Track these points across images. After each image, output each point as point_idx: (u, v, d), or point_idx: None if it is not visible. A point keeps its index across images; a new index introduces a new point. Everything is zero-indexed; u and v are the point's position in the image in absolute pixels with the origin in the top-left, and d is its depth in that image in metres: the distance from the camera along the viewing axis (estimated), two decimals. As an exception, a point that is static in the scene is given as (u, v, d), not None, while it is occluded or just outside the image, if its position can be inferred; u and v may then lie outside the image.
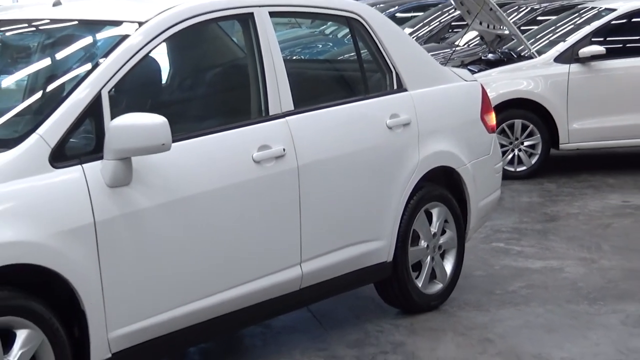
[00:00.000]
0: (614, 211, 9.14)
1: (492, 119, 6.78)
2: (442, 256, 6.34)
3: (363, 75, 6.16)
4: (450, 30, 16.14)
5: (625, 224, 8.64)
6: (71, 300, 4.38)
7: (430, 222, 6.22)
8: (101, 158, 4.48)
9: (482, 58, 11.55)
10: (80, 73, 4.76)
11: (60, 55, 5.28)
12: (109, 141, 4.46)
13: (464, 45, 13.27)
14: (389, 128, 5.92)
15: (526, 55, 10.96)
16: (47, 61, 5.31)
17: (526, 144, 10.77)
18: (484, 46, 12.15)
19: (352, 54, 6.45)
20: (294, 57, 8.72)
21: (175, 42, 5.21)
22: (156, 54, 5.05)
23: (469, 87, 6.71)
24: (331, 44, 14.46)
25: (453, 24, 16.17)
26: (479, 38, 12.66)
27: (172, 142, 4.53)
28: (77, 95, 4.56)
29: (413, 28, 16.36)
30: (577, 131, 10.69)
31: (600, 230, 8.43)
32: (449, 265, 6.38)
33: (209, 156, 4.96)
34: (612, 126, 10.71)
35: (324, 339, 5.84)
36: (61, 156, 4.41)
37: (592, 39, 10.79)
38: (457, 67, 9.48)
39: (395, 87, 6.12)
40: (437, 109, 6.30)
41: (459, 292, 6.51)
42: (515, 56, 11.14)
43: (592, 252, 7.70)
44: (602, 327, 6.00)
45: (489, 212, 6.95)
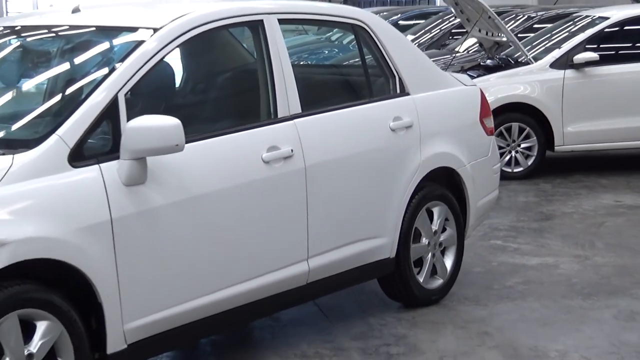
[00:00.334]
0: (607, 210, 9.13)
1: (491, 122, 6.77)
2: (443, 253, 6.33)
3: (367, 80, 6.16)
4: (451, 37, 16.11)
5: (617, 223, 8.63)
6: (88, 294, 4.39)
7: (432, 220, 6.21)
8: (118, 158, 4.49)
9: (481, 64, 11.54)
10: (98, 77, 4.76)
11: (78, 59, 5.28)
12: (125, 142, 4.46)
13: (463, 52, 13.24)
14: (392, 130, 5.92)
15: (523, 61, 10.95)
16: (66, 65, 5.31)
17: (523, 146, 10.76)
18: (483, 52, 12.13)
19: (356, 60, 6.45)
20: (302, 63, 8.73)
21: (189, 47, 5.22)
22: (170, 59, 5.07)
23: (469, 92, 6.70)
24: (336, 50, 14.44)
25: (453, 31, 16.13)
26: (478, 45, 12.63)
27: (185, 143, 4.54)
28: (94, 98, 4.56)
29: (415, 35, 16.34)
30: (572, 134, 10.68)
31: (593, 228, 8.42)
32: (449, 262, 6.37)
33: (221, 156, 4.96)
34: (606, 129, 10.71)
35: (330, 331, 5.84)
36: (79, 156, 4.42)
37: (586, 46, 10.78)
38: (457, 72, 9.46)
39: (398, 91, 6.12)
40: (438, 112, 6.29)
41: (458, 287, 6.50)
42: (512, 62, 11.13)
43: (586, 249, 7.70)
44: (595, 321, 6.00)
45: (488, 211, 6.95)
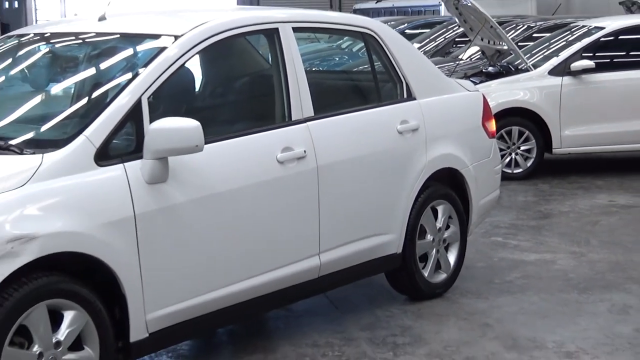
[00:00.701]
0: (602, 210, 9.11)
1: (492, 125, 6.76)
2: (446, 249, 6.32)
3: (376, 85, 6.16)
4: (455, 46, 16.09)
5: (611, 221, 8.61)
6: (113, 285, 4.39)
7: (436, 218, 6.20)
8: (141, 157, 4.50)
9: (483, 71, 11.51)
10: (123, 81, 4.77)
11: (104, 65, 5.29)
12: (148, 142, 4.47)
13: (466, 59, 13.22)
14: (400, 133, 5.91)
15: (523, 68, 10.93)
16: (92, 70, 5.32)
17: (522, 148, 10.74)
18: (485, 60, 12.11)
19: (366, 66, 6.45)
20: (314, 69, 8.72)
21: (208, 54, 5.22)
22: (190, 65, 5.07)
23: (472, 97, 6.69)
24: (347, 57, 14.43)
25: (457, 39, 16.11)
26: (480, 53, 12.61)
27: (204, 144, 4.55)
28: (119, 101, 4.57)
29: (421, 43, 16.31)
30: (569, 137, 10.66)
31: (589, 226, 8.40)
32: (452, 257, 6.36)
33: (238, 157, 4.96)
34: (601, 133, 10.68)
35: (340, 322, 5.83)
36: (105, 155, 4.43)
37: (582, 54, 10.75)
38: (461, 78, 9.44)
39: (405, 96, 6.10)
40: (443, 116, 6.28)
41: (461, 281, 6.49)
42: (513, 69, 11.10)
43: (582, 246, 7.68)
44: (590, 314, 5.98)
45: (489, 210, 6.94)
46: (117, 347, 4.47)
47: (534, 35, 14.23)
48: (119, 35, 5.35)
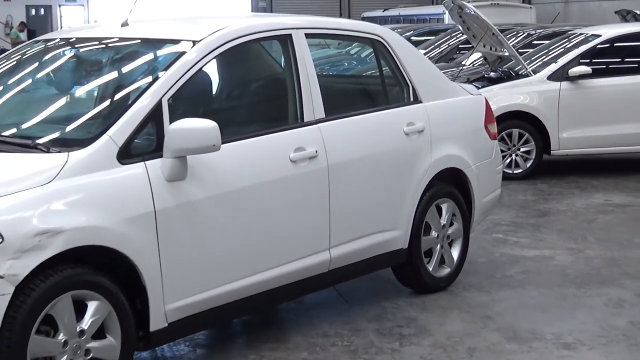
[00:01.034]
0: (598, 208, 9.09)
1: (494, 127, 6.74)
2: (450, 244, 6.31)
3: (384, 89, 6.15)
4: (458, 52, 16.06)
5: (607, 220, 8.59)
6: (134, 278, 4.40)
7: (440, 215, 6.19)
8: (161, 156, 4.50)
9: (485, 76, 11.49)
10: (144, 84, 4.78)
11: (126, 68, 5.30)
12: (167, 142, 4.48)
13: (469, 65, 13.21)
14: (406, 134, 5.90)
15: (523, 73, 10.90)
16: (115, 73, 5.32)
17: (522, 150, 10.71)
18: (487, 66, 12.09)
19: (374, 71, 6.43)
20: (325, 73, 8.68)
21: (225, 58, 5.21)
22: (208, 69, 5.06)
23: (475, 100, 6.68)
24: (355, 62, 14.41)
25: (460, 46, 16.08)
26: (482, 59, 12.60)
27: (221, 144, 4.55)
28: (141, 102, 4.58)
29: (426, 49, 16.27)
30: (567, 139, 10.64)
31: (585, 224, 8.38)
32: (455, 253, 6.35)
33: (253, 156, 4.96)
34: (597, 135, 10.65)
35: (349, 314, 5.82)
36: (127, 154, 4.43)
37: (580, 61, 10.73)
38: (464, 83, 9.43)
39: (411, 99, 6.09)
40: (447, 118, 6.27)
41: (464, 276, 6.48)
42: (513, 74, 11.08)
43: (579, 243, 7.66)
44: (587, 308, 5.97)
45: (491, 208, 6.92)
46: (137, 336, 4.47)
47: (534, 42, 14.20)
48: (140, 40, 5.34)
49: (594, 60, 10.81)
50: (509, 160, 10.64)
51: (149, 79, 4.82)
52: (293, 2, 35.11)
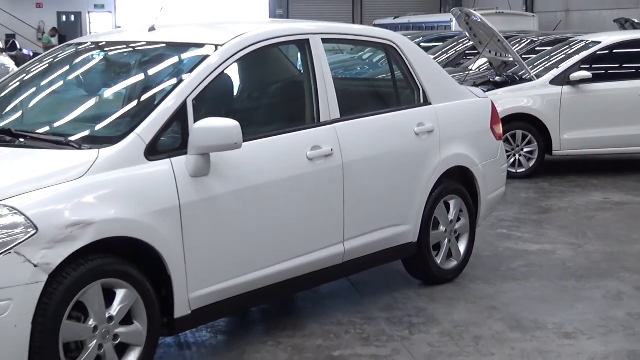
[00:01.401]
0: (597, 206, 9.06)
1: (500, 129, 6.72)
2: (457, 239, 6.30)
3: (396, 91, 6.15)
4: (465, 57, 16.03)
5: (605, 217, 8.56)
6: (159, 267, 4.41)
7: (448, 211, 6.18)
8: (186, 153, 4.51)
9: (491, 80, 11.46)
10: (170, 85, 4.79)
11: (153, 70, 5.30)
12: (192, 140, 4.49)
13: (475, 70, 13.18)
14: (416, 134, 5.89)
15: (527, 78, 10.87)
16: (143, 75, 5.32)
17: (526, 150, 10.69)
18: (492, 70, 12.06)
19: (387, 74, 6.43)
20: (339, 76, 8.66)
21: (246, 61, 5.21)
22: (230, 71, 5.06)
23: (481, 103, 6.66)
24: (367, 67, 14.39)
25: (467, 52, 16.06)
26: (488, 64, 12.56)
27: (242, 142, 4.55)
28: (167, 103, 4.59)
29: (434, 55, 16.23)
30: (568, 141, 10.61)
31: (585, 221, 8.36)
32: (462, 246, 6.34)
33: (272, 153, 4.96)
34: (597, 137, 10.63)
35: (361, 303, 5.82)
36: (154, 151, 4.44)
37: (580, 66, 10.70)
38: (470, 86, 9.42)
39: (421, 101, 6.09)
40: (456, 119, 6.25)
41: (470, 269, 6.47)
42: (517, 79, 11.04)
43: (579, 238, 7.64)
44: (587, 300, 5.95)
45: (496, 205, 6.90)
46: (162, 323, 4.49)
47: (537, 48, 14.15)
48: (166, 44, 5.36)
49: (593, 66, 10.77)
50: (512, 160, 10.61)
51: (175, 80, 4.82)
52: (309, 10, 35.15)
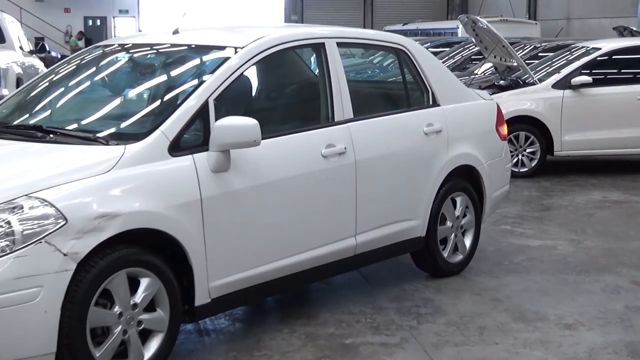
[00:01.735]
0: (596, 204, 9.03)
1: (504, 130, 6.71)
2: (463, 234, 6.29)
3: (406, 93, 6.13)
4: (471, 62, 16.01)
5: (604, 214, 8.54)
6: (181, 257, 4.42)
7: (455, 207, 6.17)
8: (207, 150, 4.51)
9: (495, 84, 11.44)
10: (192, 85, 4.80)
11: (177, 71, 5.31)
12: (213, 137, 4.49)
13: (481, 74, 13.15)
14: (425, 134, 5.89)
15: (530, 82, 10.86)
16: (167, 76, 5.32)
17: (528, 150, 10.67)
18: (497, 74, 12.04)
19: (397, 77, 6.42)
20: (353, 78, 8.66)
21: (264, 63, 5.21)
22: (250, 73, 5.07)
23: (487, 105, 6.64)
24: (378, 70, 14.40)
25: (473, 57, 16.03)
26: (493, 68, 12.54)
27: (261, 139, 4.56)
28: (189, 102, 4.60)
29: (441, 60, 16.22)
30: (568, 142, 10.59)
31: (585, 218, 8.34)
32: (468, 241, 6.33)
33: (288, 151, 4.96)
34: (596, 139, 10.61)
35: (371, 294, 5.82)
36: (177, 148, 4.45)
37: (581, 71, 10.68)
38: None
39: (430, 102, 6.08)
40: (463, 120, 6.24)
41: (475, 262, 6.46)
42: (521, 83, 11.03)
43: (579, 234, 7.62)
44: (586, 293, 5.93)
45: (500, 202, 6.88)
46: (183, 310, 4.49)
47: (539, 54, 14.11)
48: (189, 47, 5.37)
49: (594, 71, 10.75)
50: (516, 160, 10.60)
51: (197, 81, 4.83)
52: (321, 16, 35.16)
